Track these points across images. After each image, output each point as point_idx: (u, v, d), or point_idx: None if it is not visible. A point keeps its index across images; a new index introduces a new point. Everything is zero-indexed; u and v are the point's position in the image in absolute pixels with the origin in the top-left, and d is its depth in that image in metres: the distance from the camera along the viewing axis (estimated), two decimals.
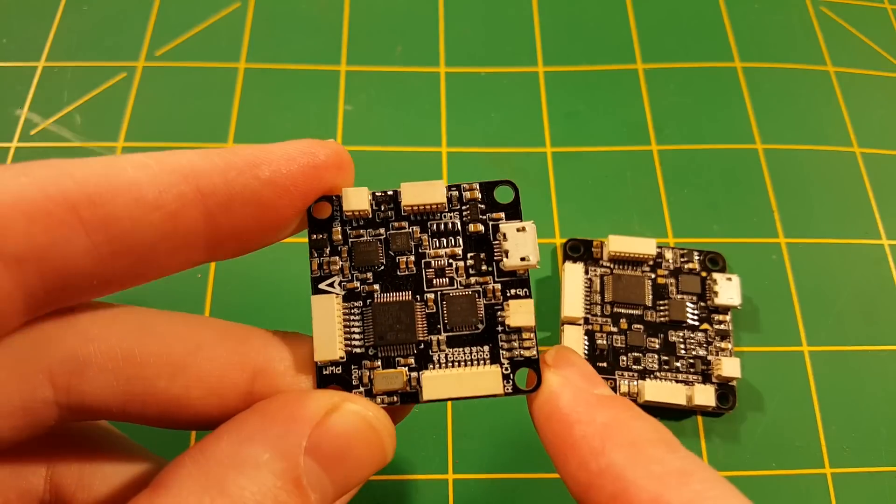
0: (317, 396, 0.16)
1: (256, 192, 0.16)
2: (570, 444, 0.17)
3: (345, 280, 0.18)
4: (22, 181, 0.14)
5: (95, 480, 0.18)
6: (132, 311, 0.17)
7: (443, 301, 0.18)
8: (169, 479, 0.15)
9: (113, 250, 0.15)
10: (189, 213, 0.16)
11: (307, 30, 0.38)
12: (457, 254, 0.18)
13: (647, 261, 0.32)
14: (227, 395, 0.17)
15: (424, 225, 0.18)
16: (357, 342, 0.18)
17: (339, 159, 0.18)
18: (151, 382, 0.16)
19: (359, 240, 0.18)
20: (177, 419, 0.17)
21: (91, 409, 0.16)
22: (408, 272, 0.18)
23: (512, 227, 0.18)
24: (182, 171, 0.16)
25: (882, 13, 0.41)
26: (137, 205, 0.15)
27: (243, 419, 0.16)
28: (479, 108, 0.36)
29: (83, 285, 0.15)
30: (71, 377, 0.16)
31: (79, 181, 0.15)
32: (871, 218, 0.35)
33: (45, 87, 0.36)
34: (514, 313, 0.18)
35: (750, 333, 0.32)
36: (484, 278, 0.18)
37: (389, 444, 0.17)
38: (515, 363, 0.18)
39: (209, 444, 0.15)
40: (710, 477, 0.16)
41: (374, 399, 0.18)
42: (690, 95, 0.37)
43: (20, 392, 0.15)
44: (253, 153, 0.17)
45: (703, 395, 0.29)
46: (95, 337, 0.16)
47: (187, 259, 0.17)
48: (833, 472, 0.29)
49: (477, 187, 0.19)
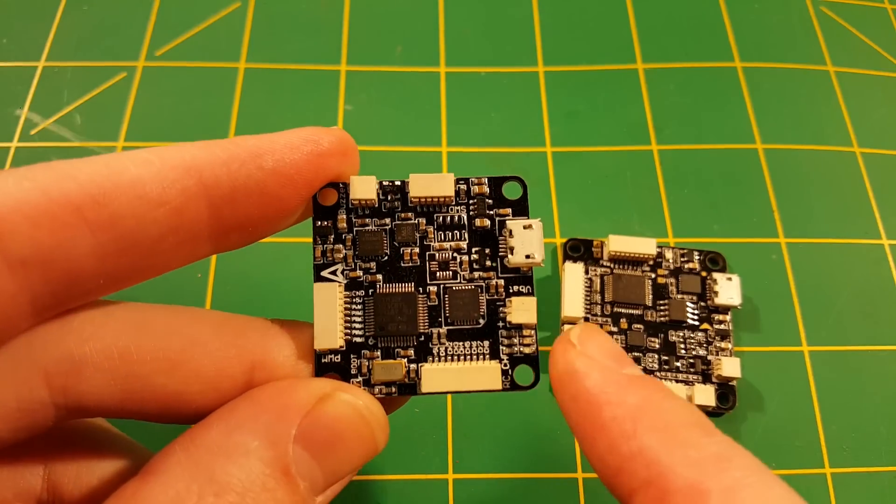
0: (308, 385, 0.16)
1: (260, 183, 0.16)
2: (599, 425, 0.16)
3: (347, 269, 0.18)
4: (24, 185, 0.14)
5: (93, 478, 0.18)
6: (127, 308, 0.17)
7: (445, 294, 0.18)
8: (158, 466, 0.15)
9: (118, 249, 0.15)
10: (193, 206, 0.16)
11: (307, 30, 0.38)
12: (462, 248, 0.18)
13: (647, 261, 0.32)
14: (226, 388, 0.17)
15: (431, 217, 0.18)
16: (357, 331, 0.18)
17: (343, 146, 0.18)
18: (149, 379, 0.16)
19: (364, 229, 0.18)
20: (176, 414, 0.17)
21: (89, 408, 0.16)
22: (411, 264, 0.18)
23: (519, 223, 0.18)
24: (184, 165, 0.16)
25: (882, 13, 0.41)
26: (141, 202, 0.15)
27: (234, 406, 0.16)
28: (479, 108, 0.36)
29: (89, 285, 0.15)
30: (67, 378, 0.15)
31: (81, 182, 0.15)
32: (871, 218, 0.35)
33: (45, 87, 0.36)
34: (516, 310, 0.18)
35: (750, 333, 0.32)
36: (487, 274, 0.18)
37: (381, 435, 0.17)
38: (515, 359, 0.18)
39: (199, 432, 0.15)
40: (749, 464, 0.15)
41: (373, 389, 0.18)
42: (690, 95, 0.37)
43: (16, 394, 0.15)
44: (255, 143, 0.16)
45: (703, 394, 0.29)
46: (91, 336, 0.16)
47: (193, 252, 0.17)
48: (833, 472, 0.29)
49: (486, 182, 0.19)
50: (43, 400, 0.15)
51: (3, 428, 0.15)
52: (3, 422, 0.15)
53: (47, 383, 0.15)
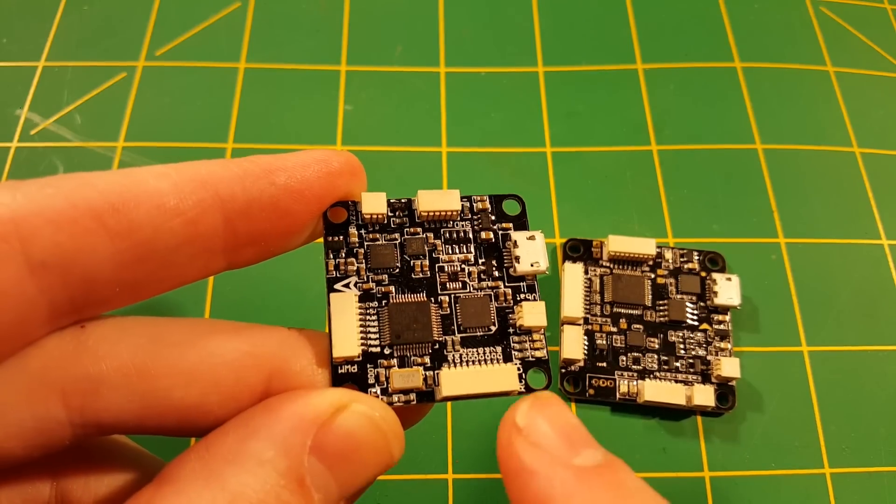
0: (325, 395, 0.16)
1: (273, 197, 0.17)
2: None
3: (360, 281, 0.18)
4: (47, 192, 0.15)
5: (102, 486, 0.18)
6: (142, 323, 0.17)
7: (456, 303, 0.19)
8: (173, 473, 0.15)
9: (135, 257, 0.15)
10: (209, 218, 0.16)
11: (307, 30, 0.38)
12: (469, 259, 0.19)
13: (646, 261, 0.32)
14: (244, 399, 0.17)
15: (438, 231, 0.19)
16: (373, 341, 0.18)
17: (352, 167, 0.18)
18: (167, 394, 0.16)
19: (375, 243, 0.19)
20: (195, 427, 0.17)
21: (107, 426, 0.16)
22: (422, 275, 0.19)
23: (522, 235, 0.19)
24: (201, 178, 0.16)
25: (882, 13, 0.41)
26: (159, 212, 0.15)
27: (250, 415, 0.16)
28: (479, 108, 0.36)
29: (106, 293, 0.16)
30: (84, 397, 0.15)
31: (102, 191, 0.15)
32: (871, 218, 0.35)
33: (45, 87, 0.36)
34: (527, 314, 0.18)
35: (749, 333, 0.32)
36: (495, 283, 0.19)
37: (396, 447, 0.17)
38: (527, 363, 0.18)
39: (215, 440, 0.15)
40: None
41: (391, 398, 0.18)
42: (690, 95, 0.37)
43: (33, 414, 0.15)
44: (269, 161, 0.17)
45: (702, 395, 0.29)
46: (107, 354, 0.16)
47: (207, 266, 0.17)
48: (832, 472, 0.29)
49: (486, 199, 0.20)
50: (60, 419, 0.15)
51: (17, 446, 0.15)
52: (19, 440, 0.15)
53: (64, 403, 0.15)
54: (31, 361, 0.15)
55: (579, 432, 0.15)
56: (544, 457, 0.15)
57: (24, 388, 0.15)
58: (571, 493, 0.14)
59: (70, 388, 0.15)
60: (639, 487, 0.14)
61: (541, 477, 0.14)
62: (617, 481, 0.14)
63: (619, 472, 0.14)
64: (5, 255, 0.14)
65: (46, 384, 0.15)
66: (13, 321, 0.15)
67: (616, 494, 0.14)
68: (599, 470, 0.14)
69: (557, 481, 0.14)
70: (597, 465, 0.14)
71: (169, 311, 0.31)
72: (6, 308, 0.14)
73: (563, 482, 0.14)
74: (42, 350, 0.15)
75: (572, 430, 0.15)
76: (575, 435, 0.15)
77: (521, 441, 0.15)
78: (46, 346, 0.16)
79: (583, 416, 0.30)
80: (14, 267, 0.14)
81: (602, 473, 0.14)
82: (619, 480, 0.14)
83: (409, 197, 0.19)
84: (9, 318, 0.14)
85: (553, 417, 0.15)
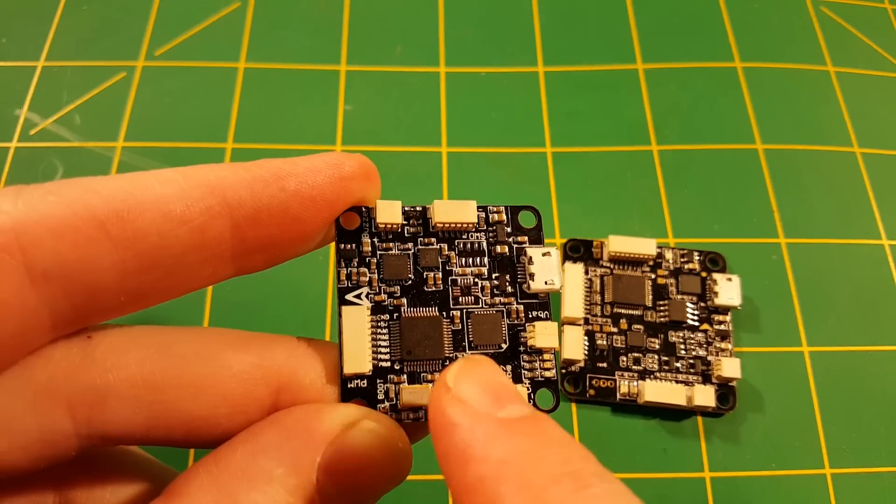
0: (334, 411, 0.16)
1: (283, 204, 0.16)
2: (464, 489, 0.13)
3: (372, 292, 0.18)
4: (49, 199, 0.14)
5: (108, 496, 0.18)
6: (149, 332, 0.16)
7: (468, 319, 0.18)
8: (181, 488, 0.15)
9: (141, 265, 0.15)
10: (216, 226, 0.16)
11: (307, 30, 0.38)
12: (482, 273, 0.19)
13: (647, 261, 0.32)
14: (253, 411, 0.16)
15: (452, 243, 0.19)
16: (384, 356, 0.18)
17: (365, 171, 0.17)
18: (175, 405, 0.16)
19: (388, 253, 0.18)
20: (203, 439, 0.16)
21: (114, 437, 0.16)
22: (435, 288, 0.18)
23: (538, 251, 0.18)
24: (209, 184, 0.16)
25: (882, 13, 0.41)
26: (165, 219, 0.15)
27: (259, 430, 0.16)
28: (479, 108, 0.36)
29: (110, 302, 0.15)
30: (91, 408, 0.15)
31: (105, 198, 0.14)
32: (871, 218, 0.35)
33: (44, 87, 0.36)
34: (539, 335, 0.18)
35: (750, 334, 0.32)
36: (507, 299, 0.18)
37: (405, 464, 0.17)
38: (536, 383, 0.18)
39: (224, 455, 0.15)
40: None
41: (400, 414, 0.17)
42: (690, 95, 0.37)
43: (38, 425, 0.15)
44: (279, 166, 0.16)
45: (703, 395, 0.29)
46: (114, 365, 0.15)
47: (214, 273, 0.17)
48: (833, 473, 0.29)
49: (503, 210, 0.19)
50: (66, 431, 0.15)
51: (22, 457, 0.15)
52: (24, 451, 0.15)
53: (71, 414, 0.15)
54: (37, 372, 0.15)
55: (508, 389, 0.15)
56: (468, 410, 0.14)
57: (29, 399, 0.15)
58: (492, 440, 0.14)
59: (77, 400, 0.15)
60: (563, 438, 0.14)
61: (464, 428, 0.14)
62: (540, 430, 0.14)
63: (544, 423, 0.14)
64: (6, 265, 0.14)
65: (53, 395, 0.15)
66: (14, 332, 0.14)
67: (537, 441, 0.14)
68: (523, 420, 0.14)
69: (480, 430, 0.14)
70: (522, 416, 0.14)
71: (168, 312, 0.31)
72: (7, 319, 0.14)
73: (486, 431, 0.14)
74: (48, 361, 0.15)
75: (500, 388, 0.15)
76: (503, 392, 0.15)
77: (449, 398, 0.15)
78: (53, 357, 0.15)
79: (583, 417, 0.30)
80: (15, 278, 0.14)
81: (526, 423, 0.14)
82: (542, 429, 0.14)
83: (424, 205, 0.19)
84: (10, 329, 0.14)
85: (481, 376, 0.15)
